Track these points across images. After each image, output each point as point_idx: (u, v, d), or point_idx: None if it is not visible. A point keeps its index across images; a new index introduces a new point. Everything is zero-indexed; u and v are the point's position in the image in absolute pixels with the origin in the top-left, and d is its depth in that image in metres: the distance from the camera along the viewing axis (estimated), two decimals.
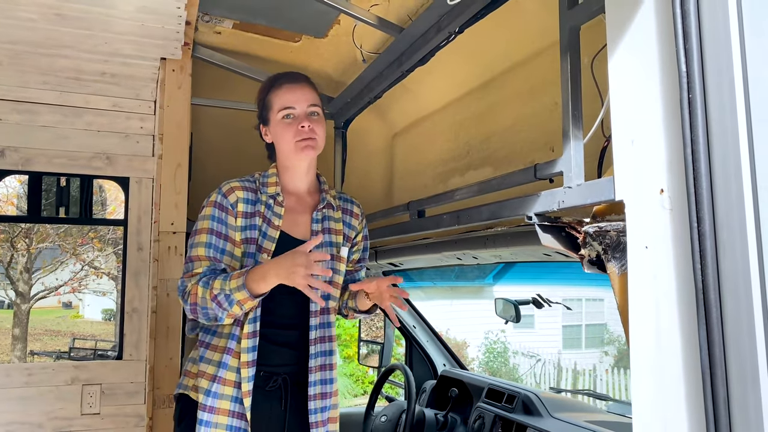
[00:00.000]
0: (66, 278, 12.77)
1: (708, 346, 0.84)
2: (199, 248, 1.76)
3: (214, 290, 1.64)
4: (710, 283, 0.85)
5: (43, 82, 2.58)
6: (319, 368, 1.86)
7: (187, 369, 1.86)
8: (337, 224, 1.95)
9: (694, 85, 0.88)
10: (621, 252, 1.14)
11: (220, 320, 1.69)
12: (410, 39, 1.86)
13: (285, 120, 1.82)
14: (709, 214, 0.86)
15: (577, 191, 1.22)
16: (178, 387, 1.86)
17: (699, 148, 0.87)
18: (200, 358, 1.79)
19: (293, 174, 1.89)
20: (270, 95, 1.87)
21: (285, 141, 1.83)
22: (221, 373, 1.75)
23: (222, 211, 1.79)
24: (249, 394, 1.74)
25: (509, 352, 12.86)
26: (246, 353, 1.75)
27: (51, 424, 2.56)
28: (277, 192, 1.85)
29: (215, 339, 1.79)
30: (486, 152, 2.12)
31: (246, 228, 1.80)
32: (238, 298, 1.62)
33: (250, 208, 1.82)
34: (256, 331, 1.76)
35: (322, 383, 1.86)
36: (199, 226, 1.79)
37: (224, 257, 1.76)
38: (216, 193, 1.82)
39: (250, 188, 1.84)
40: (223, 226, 1.78)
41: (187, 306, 1.71)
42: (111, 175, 2.72)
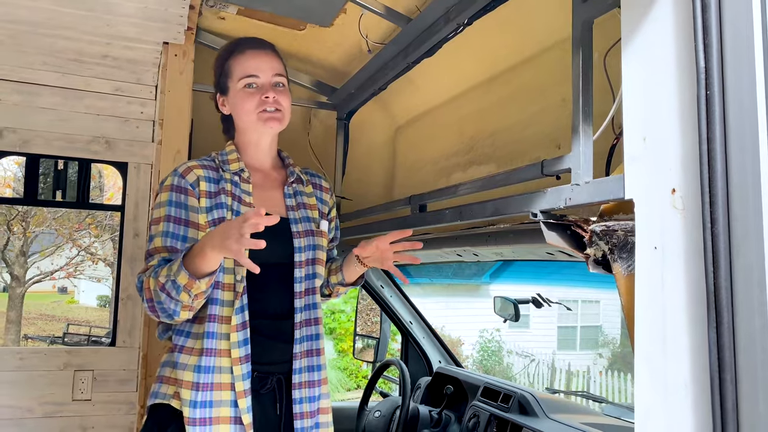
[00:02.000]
0: (62, 263, 12.75)
1: (718, 350, 0.82)
2: (156, 239, 1.56)
3: (161, 278, 1.45)
4: (722, 285, 0.82)
5: (44, 63, 2.54)
6: (305, 354, 1.68)
7: (164, 375, 1.62)
8: (310, 199, 1.80)
9: (713, 81, 0.85)
10: (628, 252, 1.11)
11: (176, 314, 1.48)
12: (417, 30, 1.83)
13: (247, 89, 1.67)
14: (723, 215, 0.83)
15: (585, 189, 1.20)
16: (153, 396, 1.61)
17: (715, 147, 0.84)
18: (176, 364, 1.57)
19: (255, 149, 1.73)
20: (230, 61, 1.70)
21: (246, 112, 1.67)
22: (204, 378, 1.54)
23: (180, 194, 1.59)
24: (246, 394, 1.55)
25: (504, 351, 12.87)
26: (237, 348, 1.55)
27: (41, 408, 2.53)
28: (242, 168, 1.68)
29: (190, 341, 1.58)
30: (490, 148, 2.09)
31: (212, 208, 1.61)
32: (182, 282, 1.42)
33: (214, 186, 1.64)
34: (245, 321, 1.58)
35: (308, 370, 1.68)
36: (155, 215, 1.60)
37: (186, 245, 1.54)
38: (171, 176, 1.63)
39: (210, 167, 1.67)
40: (183, 210, 1.58)
41: (145, 304, 1.52)
42: (109, 159, 2.68)
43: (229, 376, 1.55)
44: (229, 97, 1.71)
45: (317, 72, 2.66)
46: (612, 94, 1.28)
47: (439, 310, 12.19)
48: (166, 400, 1.57)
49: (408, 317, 3.11)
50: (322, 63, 2.59)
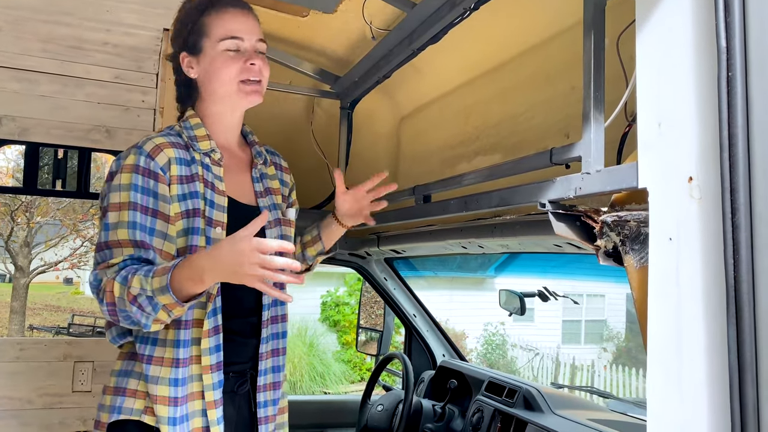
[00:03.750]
0: (65, 254, 12.77)
1: (738, 346, 0.78)
2: (119, 230, 1.33)
3: (133, 290, 1.24)
4: (743, 278, 0.78)
5: (43, 50, 2.50)
6: (271, 354, 1.56)
7: (128, 387, 1.41)
8: (273, 182, 1.66)
9: (735, 62, 0.80)
10: (641, 244, 1.07)
11: (146, 327, 1.29)
12: (423, 15, 1.78)
13: (227, 53, 1.46)
14: (745, 204, 0.79)
15: (596, 177, 1.15)
16: (115, 411, 1.40)
17: (737, 132, 0.80)
18: (146, 378, 1.39)
19: (225, 123, 1.55)
20: (206, 18, 1.48)
21: (226, 79, 1.46)
22: (181, 392, 1.38)
23: (148, 178, 1.36)
24: (217, 405, 1.41)
25: (508, 344, 12.85)
26: (209, 355, 1.39)
27: (41, 400, 2.51)
28: (213, 148, 1.49)
29: (158, 349, 1.39)
30: (496, 138, 2.05)
31: (185, 197, 1.41)
32: (163, 303, 1.23)
33: (186, 170, 1.43)
34: (218, 326, 1.41)
35: (273, 371, 1.56)
36: (114, 200, 1.35)
37: (154, 239, 1.35)
38: (135, 154, 1.38)
39: (179, 144, 1.45)
40: (151, 198, 1.36)
41: (103, 306, 1.30)
42: (110, 148, 2.65)
43: (200, 384, 1.41)
44: (201, 59, 1.49)
45: (320, 60, 2.61)
46: (625, 80, 1.23)
47: (444, 303, 12.16)
48: (135, 416, 1.39)
49: (412, 310, 3.07)
50: (325, 50, 2.54)
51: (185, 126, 1.52)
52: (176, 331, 1.39)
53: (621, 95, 1.21)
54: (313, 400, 4.01)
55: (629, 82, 1.15)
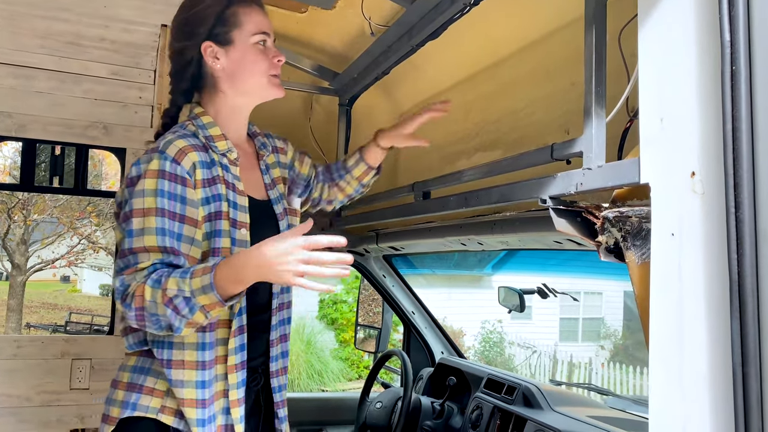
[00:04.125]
0: (63, 252, 12.74)
1: (741, 341, 0.77)
2: (146, 237, 1.30)
3: (169, 292, 1.23)
4: (747, 273, 0.77)
5: (40, 46, 2.49)
6: (279, 340, 1.57)
7: (144, 384, 1.40)
8: (275, 170, 1.65)
9: (739, 56, 0.80)
10: (642, 239, 1.06)
11: (177, 330, 1.27)
12: (422, 10, 1.77)
13: (258, 46, 1.48)
14: (749, 198, 0.78)
15: (597, 173, 1.14)
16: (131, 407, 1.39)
17: (741, 126, 0.79)
18: (170, 382, 1.38)
19: (240, 119, 1.55)
20: (237, 9, 1.47)
21: (257, 72, 1.47)
22: (208, 393, 1.38)
23: (176, 183, 1.34)
24: (240, 403, 1.42)
25: (505, 342, 12.87)
26: (234, 354, 1.41)
27: (39, 397, 2.50)
28: (229, 148, 1.48)
29: (176, 353, 1.37)
30: (496, 134, 2.04)
31: (209, 200, 1.40)
32: (202, 303, 1.23)
33: (208, 173, 1.41)
34: (243, 326, 1.43)
35: (282, 356, 1.58)
36: (138, 206, 1.32)
37: (182, 245, 1.34)
38: (159, 158, 1.35)
39: (199, 147, 1.43)
40: (178, 203, 1.34)
41: (130, 312, 1.28)
42: (107, 145, 2.64)
43: (223, 383, 1.42)
44: (231, 50, 1.47)
45: (318, 56, 2.60)
46: (627, 74, 1.22)
47: (441, 300, 12.17)
48: (151, 414, 1.38)
49: (410, 307, 3.07)
50: (323, 47, 2.54)
51: (198, 125, 1.48)
52: (199, 333, 1.39)
53: (622, 90, 1.20)
54: (312, 398, 4.00)
55: (631, 77, 1.14)
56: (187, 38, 1.48)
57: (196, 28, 1.47)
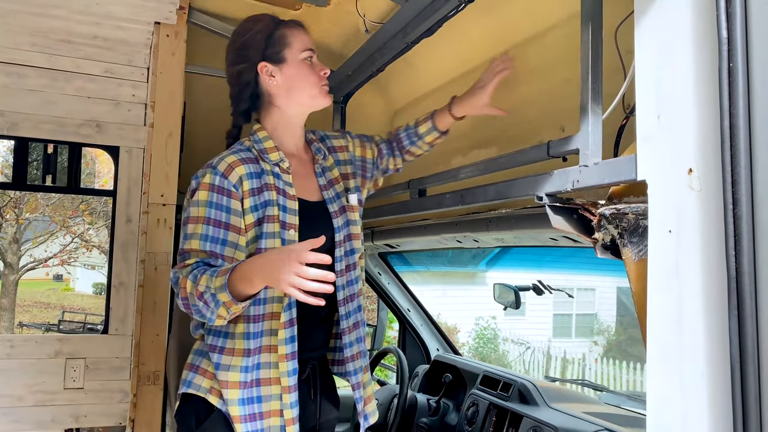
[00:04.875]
0: (55, 250, 12.67)
1: (740, 338, 0.77)
2: (192, 240, 1.50)
3: (200, 287, 1.40)
4: (745, 270, 0.77)
5: (32, 43, 2.47)
6: (352, 328, 1.72)
7: (200, 366, 1.61)
8: (332, 172, 1.78)
9: (736, 53, 0.80)
10: (639, 236, 1.07)
11: (211, 321, 1.45)
12: (417, 7, 1.76)
13: (307, 62, 1.65)
14: (747, 195, 0.78)
15: (594, 170, 1.14)
16: (186, 385, 1.61)
17: (738, 122, 0.79)
18: (217, 366, 1.56)
19: (295, 129, 1.70)
20: (285, 31, 1.65)
21: (310, 84, 1.64)
22: (250, 376, 1.55)
23: (222, 195, 1.53)
24: (292, 390, 1.56)
25: (499, 338, 12.89)
26: (285, 345, 1.55)
27: (33, 397, 2.48)
28: (281, 158, 1.63)
29: (229, 341, 1.56)
30: (491, 132, 2.04)
31: (257, 208, 1.56)
32: (223, 300, 1.38)
33: (257, 183, 1.58)
34: (293, 319, 1.57)
35: (357, 342, 1.74)
36: (192, 214, 1.53)
37: (226, 249, 1.52)
38: (211, 173, 1.55)
39: (250, 159, 1.60)
40: (224, 213, 1.52)
41: (179, 300, 1.48)
42: (100, 143, 2.61)
43: (276, 371, 1.56)
44: (285, 68, 1.63)
45: None
46: (623, 72, 1.22)
47: (436, 297, 12.18)
48: (201, 393, 1.58)
49: (406, 305, 3.07)
50: (318, 44, 2.50)
51: (255, 140, 1.66)
52: (246, 324, 1.55)
53: (618, 88, 1.21)
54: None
55: (627, 74, 1.14)
56: (243, 61, 1.65)
57: (250, 51, 1.64)
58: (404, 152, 1.94)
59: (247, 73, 1.65)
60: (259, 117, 1.71)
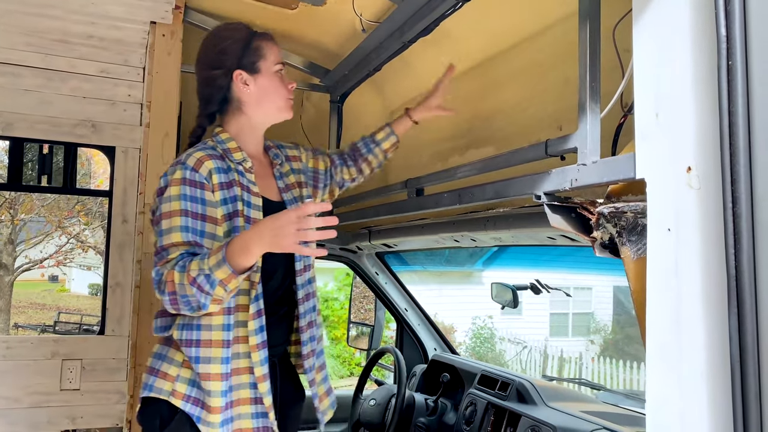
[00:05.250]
0: (51, 251, 12.62)
1: (740, 336, 0.77)
2: (172, 234, 1.52)
3: (192, 272, 1.42)
4: (745, 269, 0.77)
5: (27, 43, 2.46)
6: (308, 326, 1.78)
7: (161, 369, 1.62)
8: (289, 178, 1.86)
9: (735, 51, 0.80)
10: (638, 235, 1.07)
11: (204, 307, 1.47)
12: (414, 6, 1.76)
13: (278, 74, 1.74)
14: (746, 193, 0.78)
15: (592, 169, 1.14)
16: (148, 389, 1.62)
17: (738, 121, 0.79)
18: (196, 360, 1.57)
19: (257, 136, 1.78)
20: (261, 42, 1.71)
21: (279, 96, 1.73)
22: (229, 368, 1.58)
23: (195, 188, 1.56)
24: (265, 378, 1.61)
25: (496, 338, 12.90)
26: (255, 335, 1.60)
27: (29, 398, 2.48)
28: (244, 158, 1.69)
29: (204, 333, 1.57)
30: (489, 131, 2.04)
31: (226, 201, 1.61)
32: (220, 277, 1.41)
33: (225, 177, 1.62)
34: (260, 309, 1.61)
35: (311, 340, 1.80)
36: (165, 210, 1.55)
37: (205, 240, 1.54)
38: (181, 169, 1.58)
39: (216, 156, 1.65)
40: (199, 204, 1.56)
41: (165, 297, 1.49)
42: (96, 143, 2.61)
43: (247, 360, 1.60)
44: (259, 78, 1.71)
45: (309, 53, 2.59)
46: (621, 70, 1.22)
47: (432, 297, 12.18)
48: (164, 396, 1.59)
49: (403, 304, 3.07)
50: (314, 43, 2.52)
51: (217, 140, 1.71)
52: (224, 316, 1.58)
53: (615, 86, 1.20)
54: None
55: (625, 72, 1.14)
56: (219, 67, 1.70)
57: (226, 58, 1.70)
58: (361, 160, 2.04)
59: (222, 78, 1.70)
60: (223, 121, 1.76)
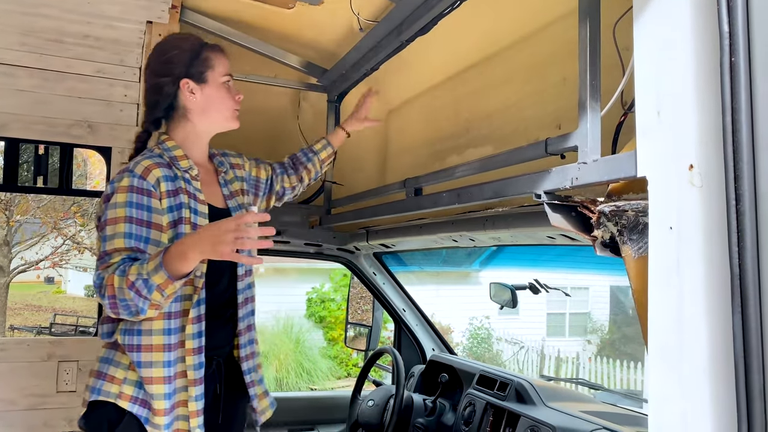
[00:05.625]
0: (47, 253, 12.57)
1: (744, 334, 0.77)
2: (115, 240, 1.55)
3: (131, 276, 1.45)
4: (749, 267, 0.77)
5: (22, 43, 2.44)
6: (246, 329, 1.83)
7: (108, 373, 1.64)
8: (233, 185, 1.91)
9: (738, 47, 0.79)
10: (639, 233, 1.06)
11: (142, 312, 1.49)
12: (412, 5, 1.76)
13: (226, 85, 1.78)
14: (750, 191, 0.78)
15: (593, 167, 1.14)
16: (96, 392, 1.64)
17: (741, 117, 0.78)
18: (138, 364, 1.60)
19: (202, 144, 1.83)
20: (210, 53, 1.76)
21: (225, 106, 1.77)
22: (172, 371, 1.61)
23: (142, 195, 1.60)
24: (197, 383, 1.63)
25: (493, 338, 12.90)
26: (192, 339, 1.63)
27: (25, 401, 2.46)
28: (191, 166, 1.74)
29: (145, 338, 1.60)
30: (487, 130, 2.03)
31: (173, 209, 1.65)
32: (157, 282, 1.43)
33: (172, 185, 1.67)
34: (200, 315, 1.65)
35: (249, 343, 1.84)
36: (111, 216, 1.58)
37: (149, 247, 1.57)
38: (128, 176, 1.62)
39: (164, 164, 1.69)
40: (145, 211, 1.59)
41: (105, 301, 1.50)
42: (92, 144, 2.59)
43: (183, 365, 1.64)
44: (206, 87, 1.75)
45: (307, 53, 2.58)
46: (622, 68, 1.22)
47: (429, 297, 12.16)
48: (111, 398, 1.62)
49: (401, 305, 3.06)
50: (311, 43, 2.51)
51: (164, 148, 1.74)
52: (165, 321, 1.61)
53: (615, 84, 1.20)
54: (303, 397, 3.98)
55: (626, 70, 1.13)
56: (166, 74, 1.74)
57: (175, 66, 1.74)
58: (301, 168, 2.17)
59: (169, 86, 1.74)
60: (169, 128, 1.80)
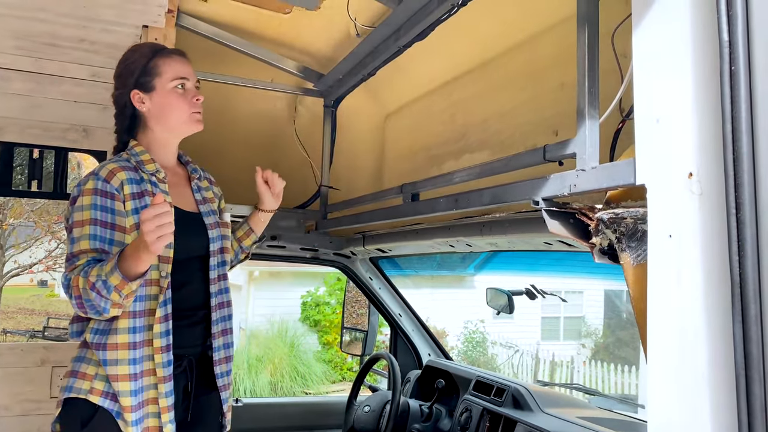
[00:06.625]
0: (40, 256, 12.51)
1: (744, 343, 0.76)
2: (81, 242, 1.60)
3: (92, 278, 1.50)
4: (749, 276, 0.76)
5: (17, 47, 2.43)
6: (221, 333, 1.85)
7: (79, 371, 1.68)
8: (208, 193, 1.96)
9: (738, 56, 0.79)
10: (638, 241, 1.06)
11: (105, 311, 1.54)
12: (409, 11, 1.76)
13: (177, 90, 1.79)
14: (750, 199, 0.77)
15: (591, 174, 1.13)
16: (68, 390, 1.67)
17: (741, 126, 0.78)
18: (105, 362, 1.63)
19: (168, 149, 1.85)
20: (157, 61, 1.78)
21: (179, 111, 1.78)
22: (138, 368, 1.64)
23: (106, 198, 1.64)
24: (166, 380, 1.68)
25: (488, 342, 12.90)
26: (159, 338, 1.67)
27: (19, 406, 2.45)
28: (157, 169, 1.78)
29: (111, 337, 1.64)
30: (484, 135, 2.03)
31: (137, 210, 1.68)
32: (114, 283, 1.48)
33: (137, 188, 1.71)
34: (167, 314, 1.69)
35: (224, 347, 1.86)
36: (77, 218, 1.63)
37: (113, 248, 1.61)
38: (93, 180, 1.66)
39: (129, 167, 1.73)
40: (109, 214, 1.64)
41: (72, 301, 1.56)
42: (88, 148, 2.58)
43: (152, 363, 1.67)
44: (154, 96, 1.78)
45: (303, 58, 2.57)
46: (620, 75, 1.22)
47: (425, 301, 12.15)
48: (82, 394, 1.65)
49: (397, 310, 3.05)
50: (308, 48, 2.51)
51: (132, 153, 1.78)
52: (130, 320, 1.65)
53: (613, 90, 1.20)
54: (298, 402, 3.96)
55: (624, 77, 1.14)
56: (121, 87, 1.80)
57: (126, 78, 1.79)
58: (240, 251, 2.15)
59: (122, 98, 1.80)
60: (136, 135, 1.84)
